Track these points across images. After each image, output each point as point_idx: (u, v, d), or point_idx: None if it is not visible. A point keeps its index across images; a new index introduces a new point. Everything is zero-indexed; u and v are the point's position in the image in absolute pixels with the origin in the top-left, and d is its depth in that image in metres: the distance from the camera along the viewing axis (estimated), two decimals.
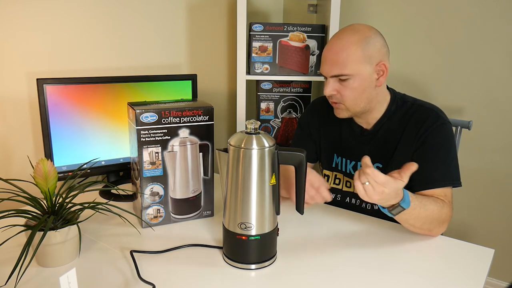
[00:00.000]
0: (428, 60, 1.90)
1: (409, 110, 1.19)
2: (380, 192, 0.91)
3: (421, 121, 1.16)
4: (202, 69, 1.89)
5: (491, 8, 1.73)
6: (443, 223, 1.07)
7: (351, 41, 1.10)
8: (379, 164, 1.21)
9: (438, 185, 1.11)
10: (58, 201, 0.94)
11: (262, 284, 0.89)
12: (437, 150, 1.13)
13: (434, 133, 1.14)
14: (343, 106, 1.17)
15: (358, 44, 1.09)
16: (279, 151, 0.93)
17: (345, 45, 1.10)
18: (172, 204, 1.13)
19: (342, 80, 1.12)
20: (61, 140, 1.25)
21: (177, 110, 1.07)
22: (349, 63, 1.10)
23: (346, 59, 1.10)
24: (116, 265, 0.94)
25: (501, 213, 1.88)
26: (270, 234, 0.94)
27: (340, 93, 1.14)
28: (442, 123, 1.15)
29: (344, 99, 1.15)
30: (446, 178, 1.12)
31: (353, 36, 1.10)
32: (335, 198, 1.33)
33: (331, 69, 1.13)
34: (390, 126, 1.20)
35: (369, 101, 1.17)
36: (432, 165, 1.12)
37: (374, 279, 0.91)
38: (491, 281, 1.94)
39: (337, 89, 1.14)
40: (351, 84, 1.12)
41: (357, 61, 1.10)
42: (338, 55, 1.10)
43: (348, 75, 1.11)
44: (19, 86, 1.30)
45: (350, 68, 1.10)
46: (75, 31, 1.41)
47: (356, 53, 1.09)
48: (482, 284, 0.90)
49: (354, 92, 1.13)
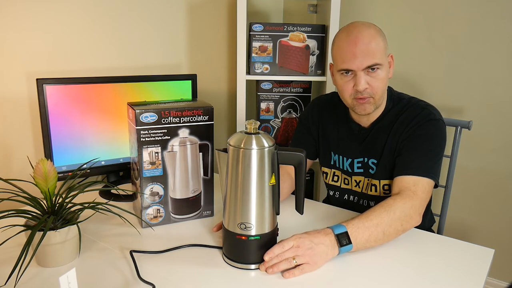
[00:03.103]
0: (428, 60, 1.90)
1: (404, 107, 1.20)
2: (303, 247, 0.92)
3: (412, 116, 1.17)
4: (202, 69, 1.89)
5: (491, 8, 1.73)
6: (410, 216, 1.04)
7: (374, 32, 1.11)
8: (373, 159, 1.23)
9: (412, 172, 1.10)
10: (58, 201, 0.94)
11: (262, 284, 0.89)
12: (421, 142, 1.14)
13: (422, 126, 1.15)
14: (372, 100, 1.15)
15: (379, 35, 1.12)
16: (279, 151, 0.93)
17: (372, 36, 1.11)
18: (172, 204, 1.13)
19: (371, 72, 1.12)
20: (61, 140, 1.25)
21: (177, 110, 1.07)
22: (378, 52, 1.11)
23: (376, 49, 1.10)
24: (116, 265, 0.94)
25: (501, 213, 1.88)
26: (270, 234, 0.95)
27: (371, 86, 1.13)
28: (433, 118, 1.15)
29: (375, 91, 1.14)
30: (422, 168, 1.10)
31: (372, 29, 1.12)
32: (334, 195, 1.33)
33: (363, 61, 1.10)
34: (384, 124, 1.21)
35: (385, 93, 1.20)
36: (412, 153, 1.13)
37: (374, 279, 0.91)
38: (491, 281, 1.94)
39: (369, 82, 1.13)
40: (380, 74, 1.13)
41: (382, 51, 1.12)
42: (367, 46, 1.10)
43: (379, 65, 1.12)
44: (19, 86, 1.30)
45: (380, 58, 1.11)
46: (75, 31, 1.41)
47: (381, 43, 1.12)
48: (482, 284, 0.90)
49: (383, 82, 1.14)
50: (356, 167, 1.26)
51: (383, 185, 1.21)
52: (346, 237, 0.96)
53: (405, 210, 1.03)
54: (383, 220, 1.00)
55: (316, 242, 0.93)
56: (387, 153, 1.19)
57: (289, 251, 0.92)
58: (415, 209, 1.05)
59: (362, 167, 1.25)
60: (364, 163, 1.24)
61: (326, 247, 0.94)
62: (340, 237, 0.96)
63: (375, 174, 1.22)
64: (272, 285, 0.88)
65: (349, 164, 1.27)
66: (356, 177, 1.27)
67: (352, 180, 1.28)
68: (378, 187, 1.22)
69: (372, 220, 0.99)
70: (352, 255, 0.99)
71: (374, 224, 0.99)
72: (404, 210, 1.03)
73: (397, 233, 1.03)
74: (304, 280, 0.90)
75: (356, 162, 1.25)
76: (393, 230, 1.01)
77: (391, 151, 1.19)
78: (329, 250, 0.94)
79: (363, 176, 1.25)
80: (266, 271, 0.92)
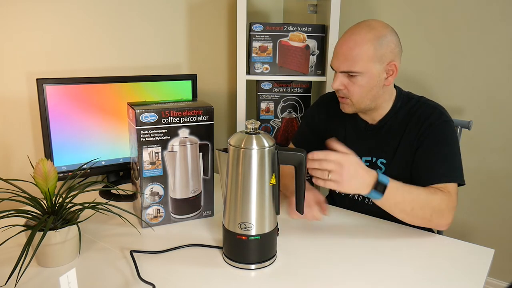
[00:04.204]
0: (428, 60, 1.90)
1: (413, 106, 1.20)
2: (345, 169, 0.96)
3: (424, 117, 1.16)
4: (202, 69, 1.89)
5: (491, 9, 1.73)
6: (442, 211, 1.06)
7: (365, 38, 1.09)
8: (382, 159, 1.22)
9: (442, 180, 1.10)
10: (58, 201, 0.94)
11: (262, 284, 0.89)
12: (441, 146, 1.13)
13: (437, 129, 1.14)
14: (349, 102, 1.17)
15: (371, 42, 1.09)
16: (279, 151, 0.93)
17: (359, 42, 1.09)
18: (172, 204, 1.13)
19: (351, 76, 1.13)
20: (61, 140, 1.25)
21: (177, 110, 1.07)
22: (360, 61, 1.09)
23: (358, 56, 1.09)
24: (116, 265, 0.94)
25: (501, 213, 1.88)
26: (270, 234, 0.94)
27: (348, 89, 1.14)
28: (446, 120, 1.15)
29: (351, 95, 1.15)
30: (450, 173, 1.11)
31: (368, 34, 1.09)
32: (339, 193, 1.33)
33: (341, 64, 1.12)
34: (394, 122, 1.21)
35: (375, 99, 1.17)
36: (436, 160, 1.13)
37: (374, 278, 0.91)
38: (491, 281, 1.94)
39: (345, 84, 1.14)
40: (359, 81, 1.12)
41: (368, 59, 1.10)
42: (350, 51, 1.10)
43: (358, 72, 1.11)
44: (19, 86, 1.30)
45: (361, 66, 1.10)
46: (75, 31, 1.41)
47: (369, 51, 1.09)
48: (482, 284, 0.90)
49: (361, 89, 1.13)
50: None
51: None
52: (382, 188, 1.01)
53: (442, 204, 1.06)
54: (420, 199, 1.04)
55: (358, 174, 0.99)
56: (400, 154, 1.18)
57: (331, 163, 0.96)
58: (449, 209, 1.07)
59: (370, 166, 1.23)
60: (372, 162, 1.24)
61: (361, 183, 1.00)
62: (378, 185, 1.01)
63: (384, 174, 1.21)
64: (272, 285, 0.88)
65: None
66: None
67: None
68: None
69: (411, 193, 1.04)
70: (352, 253, 0.99)
71: (410, 198, 1.04)
72: (441, 203, 1.06)
73: (423, 220, 1.06)
74: (304, 280, 0.90)
75: (364, 160, 1.24)
76: (421, 213, 1.05)
77: (405, 153, 1.18)
78: (362, 187, 1.00)
79: None
80: None
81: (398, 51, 1.14)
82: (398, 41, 1.14)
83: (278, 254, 0.99)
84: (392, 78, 1.15)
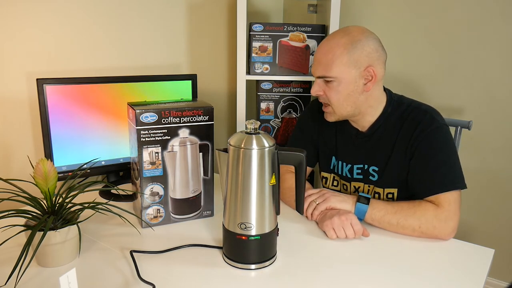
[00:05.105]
0: (428, 60, 1.90)
1: (404, 112, 1.17)
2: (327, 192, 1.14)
3: (415, 124, 1.13)
4: (202, 69, 1.89)
5: (491, 8, 1.73)
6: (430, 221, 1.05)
7: (339, 43, 1.09)
8: (374, 167, 1.20)
9: (443, 189, 1.08)
10: (58, 201, 0.94)
11: (262, 284, 0.89)
12: (434, 155, 1.11)
13: (428, 137, 1.11)
14: (330, 109, 1.17)
15: (344, 47, 1.08)
16: (279, 151, 0.93)
17: (332, 47, 1.10)
18: (172, 204, 1.13)
19: (327, 82, 1.13)
20: (61, 140, 1.25)
21: (177, 110, 1.07)
22: (333, 66, 1.09)
23: (331, 62, 1.09)
24: (116, 265, 0.94)
25: (501, 213, 1.88)
26: (270, 234, 0.95)
27: (326, 94, 1.15)
28: (437, 126, 1.12)
29: (330, 101, 1.15)
30: (443, 184, 1.08)
31: (342, 39, 1.09)
32: None
33: (316, 70, 1.14)
34: (385, 129, 1.18)
35: (357, 106, 1.15)
36: (432, 170, 1.10)
37: (374, 279, 0.91)
38: (491, 281, 1.94)
39: (324, 89, 1.15)
40: (336, 87, 1.12)
41: (341, 65, 1.09)
42: (323, 57, 1.11)
43: (332, 78, 1.11)
44: (19, 86, 1.30)
45: (334, 71, 1.10)
46: (75, 31, 1.41)
47: (341, 57, 1.08)
48: (482, 284, 0.90)
49: (339, 95, 1.12)
50: (356, 173, 1.24)
51: (387, 193, 1.19)
52: (366, 200, 1.10)
53: (427, 215, 1.06)
54: (402, 210, 1.08)
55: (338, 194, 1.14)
56: (393, 161, 1.17)
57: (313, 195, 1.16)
58: (439, 219, 1.05)
59: (362, 173, 1.23)
60: (364, 169, 1.22)
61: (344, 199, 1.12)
62: (361, 197, 1.11)
63: (378, 182, 1.20)
64: (272, 285, 0.88)
65: (348, 169, 1.26)
66: (355, 183, 1.25)
67: (351, 186, 1.26)
68: (382, 195, 1.20)
69: (393, 207, 1.09)
70: (351, 254, 0.99)
71: (393, 210, 1.08)
72: (426, 214, 1.06)
73: (414, 231, 1.07)
74: (304, 280, 0.90)
75: (356, 168, 1.24)
76: (408, 224, 1.06)
77: (399, 160, 1.16)
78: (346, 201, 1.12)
79: (363, 182, 1.24)
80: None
81: (377, 56, 1.11)
82: (377, 46, 1.11)
83: (278, 254, 0.99)
84: (372, 84, 1.12)
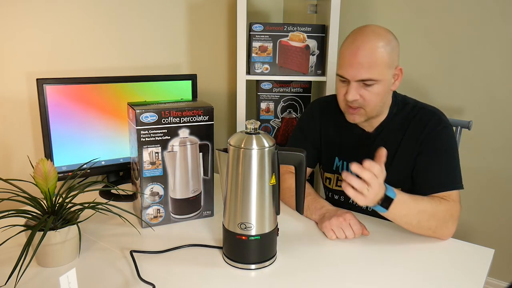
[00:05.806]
0: (428, 60, 1.90)
1: (410, 112, 1.18)
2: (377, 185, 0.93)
3: (422, 124, 1.15)
4: (202, 69, 1.89)
5: (491, 8, 1.73)
6: (447, 221, 1.05)
7: (379, 45, 1.07)
8: None
9: (445, 188, 1.09)
10: (58, 201, 0.94)
11: (262, 284, 0.89)
12: (439, 155, 1.12)
13: (436, 137, 1.13)
14: (363, 111, 1.14)
15: (385, 49, 1.08)
16: (279, 151, 0.93)
17: (375, 49, 1.07)
18: (172, 204, 1.13)
19: (366, 85, 1.10)
20: (61, 140, 1.25)
21: (177, 110, 1.07)
22: (377, 68, 1.07)
23: (375, 64, 1.07)
24: (116, 265, 0.94)
25: (501, 213, 1.88)
26: (270, 234, 0.94)
27: (364, 98, 1.11)
28: (444, 126, 1.14)
29: (367, 104, 1.12)
30: (452, 182, 1.11)
31: (380, 41, 1.08)
32: (339, 199, 1.32)
33: (358, 73, 1.08)
34: (391, 129, 1.19)
35: (383, 105, 1.16)
36: (436, 170, 1.12)
37: (374, 279, 0.91)
38: (491, 281, 1.94)
39: (361, 93, 1.11)
40: (376, 89, 1.10)
41: (384, 66, 1.08)
42: (367, 59, 1.07)
43: (375, 80, 1.09)
44: (19, 86, 1.30)
45: (378, 73, 1.08)
46: (75, 31, 1.41)
47: (384, 58, 1.08)
48: (482, 284, 0.90)
49: (377, 97, 1.11)
50: None
51: None
52: (387, 203, 0.98)
53: (447, 216, 1.05)
54: (426, 211, 1.03)
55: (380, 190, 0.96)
56: (398, 160, 1.17)
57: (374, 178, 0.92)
58: (453, 220, 1.06)
59: None
60: None
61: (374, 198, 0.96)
62: (384, 199, 0.97)
63: None
64: (272, 285, 0.88)
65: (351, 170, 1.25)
66: None
67: None
68: None
69: (417, 206, 1.02)
70: (352, 254, 1.00)
71: (416, 210, 1.02)
72: (446, 214, 1.05)
73: (428, 231, 1.05)
74: (304, 280, 0.90)
75: None
76: (426, 225, 1.04)
77: (404, 159, 1.16)
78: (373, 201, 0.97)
79: None
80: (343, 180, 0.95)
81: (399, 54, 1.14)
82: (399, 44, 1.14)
83: (278, 254, 0.99)
84: (398, 82, 1.15)
